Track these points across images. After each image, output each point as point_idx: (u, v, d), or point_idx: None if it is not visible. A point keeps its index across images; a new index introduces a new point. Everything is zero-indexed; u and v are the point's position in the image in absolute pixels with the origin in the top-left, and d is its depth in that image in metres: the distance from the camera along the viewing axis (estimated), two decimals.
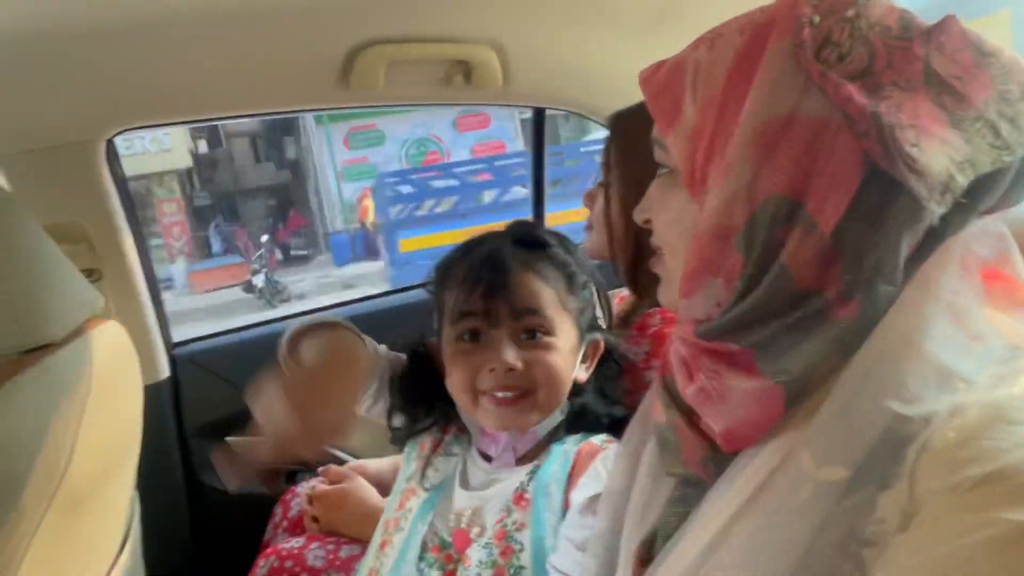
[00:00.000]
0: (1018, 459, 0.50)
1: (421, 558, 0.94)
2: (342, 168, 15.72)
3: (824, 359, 0.60)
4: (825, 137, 0.58)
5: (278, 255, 16.57)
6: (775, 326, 0.61)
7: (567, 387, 0.97)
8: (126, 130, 1.56)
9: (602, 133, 1.37)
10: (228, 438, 1.71)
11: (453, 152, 14.98)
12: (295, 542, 1.34)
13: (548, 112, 1.93)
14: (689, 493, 0.72)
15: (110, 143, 1.57)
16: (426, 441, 1.06)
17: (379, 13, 1.37)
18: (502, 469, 0.97)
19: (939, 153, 0.56)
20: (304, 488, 1.52)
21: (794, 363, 0.61)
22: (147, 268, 1.67)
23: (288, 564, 1.33)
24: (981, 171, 0.57)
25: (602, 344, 1.04)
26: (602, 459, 0.92)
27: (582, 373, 1.01)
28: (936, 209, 0.57)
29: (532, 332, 0.94)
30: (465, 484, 0.99)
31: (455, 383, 0.96)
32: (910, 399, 0.56)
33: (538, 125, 1.95)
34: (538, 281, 0.95)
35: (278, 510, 1.54)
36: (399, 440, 1.08)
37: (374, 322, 1.09)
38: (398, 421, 1.07)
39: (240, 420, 1.55)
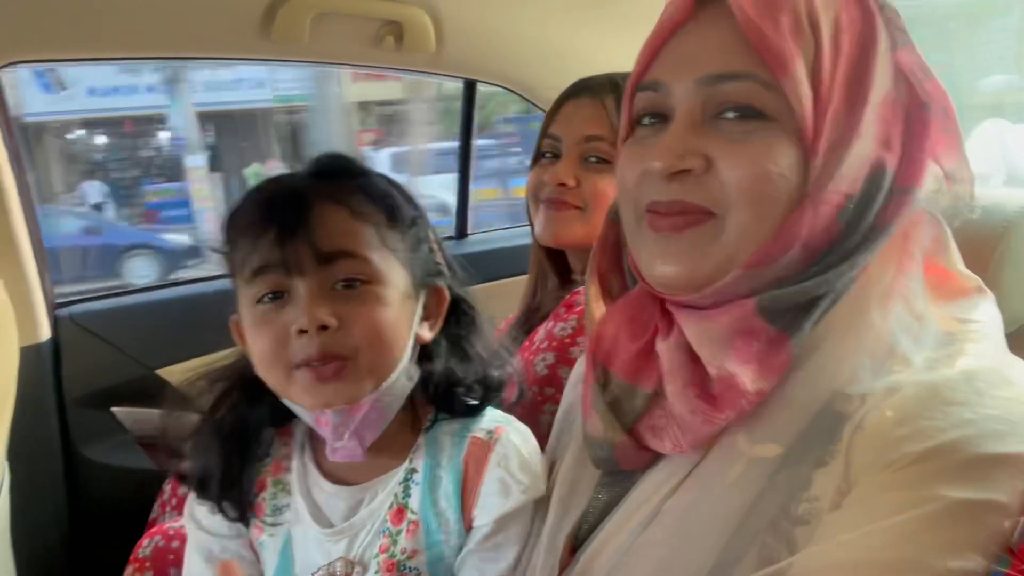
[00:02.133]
0: (956, 437, 0.51)
1: None
2: None
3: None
4: (916, 121, 0.61)
5: None
6: (823, 306, 0.60)
7: (401, 348, 0.77)
8: (16, 63, 1.40)
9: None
10: (113, 408, 1.60)
11: None
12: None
13: None
14: (619, 477, 0.71)
15: None
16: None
17: None
18: (363, 486, 0.80)
19: None
20: None
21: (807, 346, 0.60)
22: (30, 216, 1.52)
23: (175, 544, 1.24)
24: None
25: (446, 292, 0.84)
26: (498, 461, 0.78)
27: (426, 331, 0.81)
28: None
29: (349, 281, 0.74)
30: (323, 522, 0.79)
31: (261, 358, 0.75)
32: (848, 378, 0.57)
33: (468, 100, 1.91)
34: (349, 216, 0.75)
35: (167, 487, 1.45)
36: (242, 510, 0.82)
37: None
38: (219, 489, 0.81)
39: (126, 390, 1.45)
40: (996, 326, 0.62)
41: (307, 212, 0.73)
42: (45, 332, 1.55)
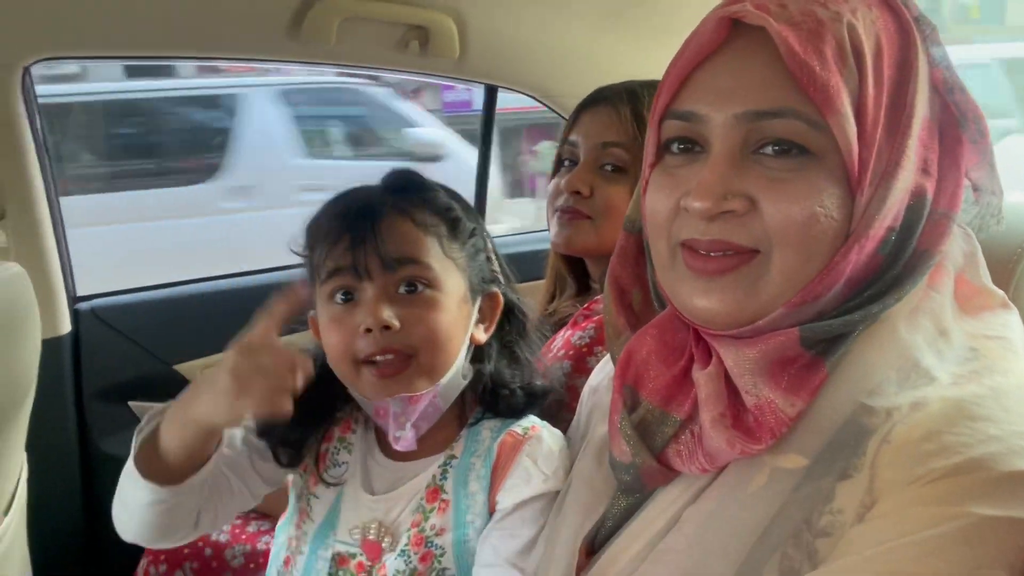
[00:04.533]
0: (982, 454, 0.51)
1: (328, 570, 0.86)
2: None
3: None
4: (949, 138, 0.61)
5: None
6: (860, 329, 0.60)
7: (457, 348, 0.85)
8: (46, 59, 1.43)
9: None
10: (131, 402, 1.61)
11: None
12: None
13: None
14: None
15: (27, 72, 1.43)
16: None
17: None
18: (408, 464, 0.87)
19: None
20: None
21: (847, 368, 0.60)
22: (55, 211, 1.54)
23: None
24: None
25: (500, 298, 0.91)
26: (528, 453, 0.84)
27: (480, 333, 0.89)
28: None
29: (412, 285, 0.82)
30: (368, 487, 0.87)
31: (332, 352, 0.84)
32: (873, 391, 0.57)
33: (489, 104, 1.92)
34: (414, 227, 0.83)
35: None
36: (293, 460, 0.89)
37: None
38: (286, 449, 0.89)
39: (144, 384, 1.46)
40: (1021, 341, 0.62)
41: (376, 222, 0.82)
42: (66, 325, 1.56)
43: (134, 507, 0.80)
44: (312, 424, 0.89)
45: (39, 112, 1.50)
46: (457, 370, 0.85)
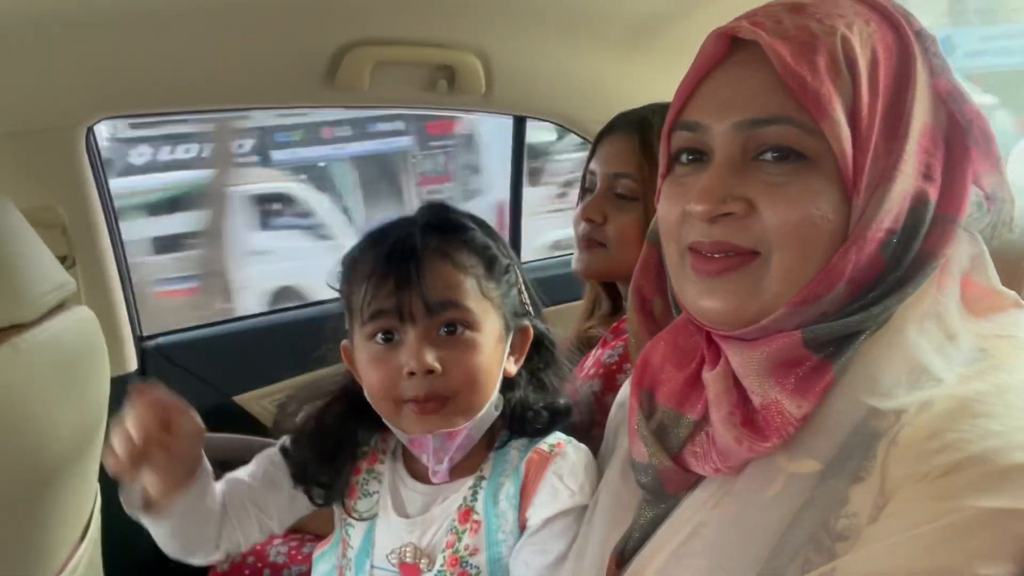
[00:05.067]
0: (983, 449, 0.52)
1: None
2: None
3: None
4: (957, 146, 0.62)
5: None
6: (867, 333, 0.61)
7: (493, 385, 0.87)
8: (107, 117, 1.55)
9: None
10: None
11: None
12: None
13: None
14: (663, 495, 0.72)
15: (90, 130, 1.55)
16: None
17: (368, 14, 1.38)
18: (439, 487, 0.88)
19: None
20: None
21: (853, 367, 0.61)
22: (120, 257, 1.65)
23: (250, 560, 1.32)
24: None
25: (531, 331, 0.93)
26: (555, 471, 0.85)
27: (511, 366, 0.91)
28: None
29: (452, 326, 0.83)
30: (401, 512, 0.89)
31: (374, 392, 0.86)
32: (883, 394, 0.58)
33: (519, 134, 1.97)
34: (454, 270, 0.85)
35: None
36: (327, 499, 0.93)
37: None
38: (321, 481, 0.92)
39: (206, 415, 1.53)
40: None
41: (419, 265, 0.83)
42: (133, 363, 1.66)
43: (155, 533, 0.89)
44: (341, 457, 0.92)
45: (102, 165, 1.61)
46: (491, 404, 0.87)
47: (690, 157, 0.67)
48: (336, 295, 0.92)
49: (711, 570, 0.62)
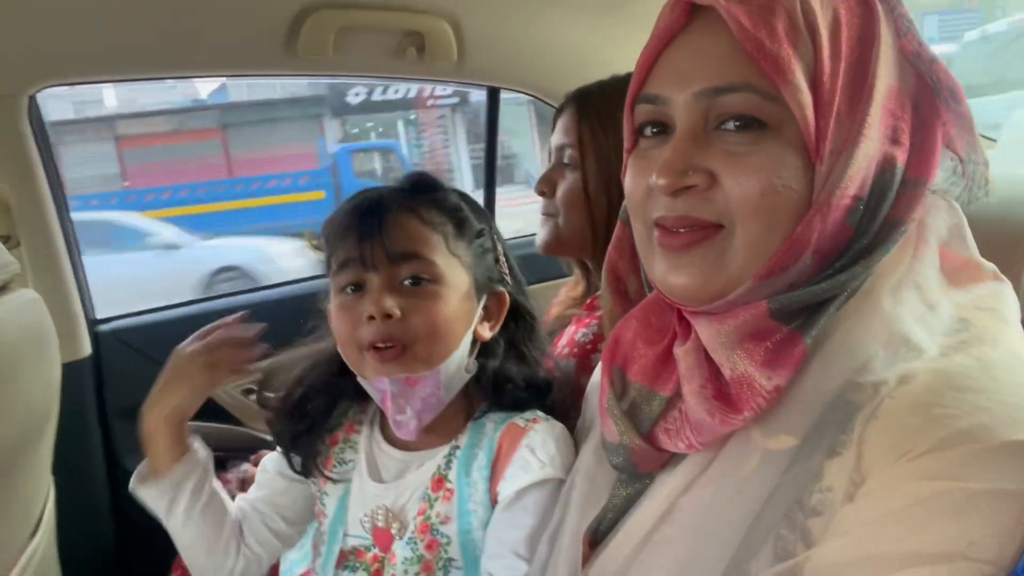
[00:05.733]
0: (970, 425, 0.50)
1: (345, 564, 0.90)
2: None
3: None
4: (925, 108, 0.61)
5: None
6: (837, 303, 0.59)
7: (456, 340, 0.88)
8: (50, 85, 1.45)
9: None
10: None
11: None
12: None
13: None
14: (637, 475, 0.71)
15: (33, 99, 1.46)
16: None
17: None
18: (414, 454, 0.90)
19: None
20: (235, 474, 1.46)
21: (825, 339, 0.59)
22: (69, 237, 1.56)
23: None
24: None
25: (506, 297, 0.95)
26: (527, 444, 0.86)
27: (485, 331, 0.92)
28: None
29: (416, 279, 0.86)
30: (376, 476, 0.91)
31: (339, 338, 0.89)
32: (860, 367, 0.56)
33: (492, 106, 1.92)
34: (420, 224, 0.88)
35: None
36: (306, 465, 0.96)
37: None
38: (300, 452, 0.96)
39: None
40: (1013, 312, 0.61)
41: (383, 217, 0.86)
42: (86, 348, 1.58)
43: (170, 530, 0.93)
44: (318, 415, 0.95)
45: (47, 138, 1.52)
46: (459, 363, 0.89)
47: (654, 130, 0.65)
48: (287, 279, 0.97)
49: (687, 556, 0.61)
